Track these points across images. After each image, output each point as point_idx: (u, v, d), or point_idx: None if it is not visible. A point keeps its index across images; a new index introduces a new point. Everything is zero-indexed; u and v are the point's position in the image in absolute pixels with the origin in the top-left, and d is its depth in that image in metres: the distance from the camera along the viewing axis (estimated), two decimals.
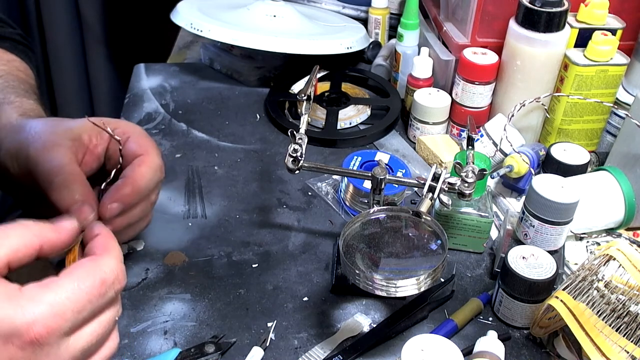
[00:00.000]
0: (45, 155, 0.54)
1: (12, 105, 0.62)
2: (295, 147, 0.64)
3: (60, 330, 0.40)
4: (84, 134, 0.57)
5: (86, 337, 0.43)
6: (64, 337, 0.41)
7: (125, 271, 0.46)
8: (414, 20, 0.94)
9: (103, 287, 0.43)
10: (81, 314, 0.41)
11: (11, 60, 0.71)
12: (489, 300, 0.67)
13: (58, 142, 0.55)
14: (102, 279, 0.43)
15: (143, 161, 0.57)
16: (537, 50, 0.81)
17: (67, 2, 1.53)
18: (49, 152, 0.54)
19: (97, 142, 0.59)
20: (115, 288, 0.44)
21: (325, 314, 0.65)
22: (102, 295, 0.43)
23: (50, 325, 0.39)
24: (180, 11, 1.00)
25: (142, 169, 0.57)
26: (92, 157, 0.58)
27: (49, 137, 0.56)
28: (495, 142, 0.84)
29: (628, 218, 0.73)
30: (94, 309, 0.43)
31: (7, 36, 0.75)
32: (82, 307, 0.41)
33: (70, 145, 0.55)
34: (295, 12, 1.05)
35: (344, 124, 0.93)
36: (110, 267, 0.44)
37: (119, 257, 0.45)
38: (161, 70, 1.07)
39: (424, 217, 0.58)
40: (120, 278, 0.44)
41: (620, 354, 0.53)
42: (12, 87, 0.65)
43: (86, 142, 0.58)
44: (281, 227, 0.76)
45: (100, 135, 0.59)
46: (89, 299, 0.42)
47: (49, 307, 0.40)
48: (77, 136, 0.57)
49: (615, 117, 0.84)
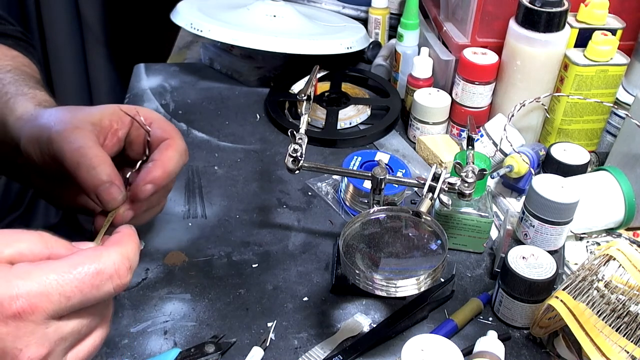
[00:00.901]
0: (69, 137, 0.54)
1: (27, 96, 0.62)
2: (295, 147, 0.64)
3: (44, 310, 0.39)
4: (104, 119, 0.58)
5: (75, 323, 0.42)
6: (49, 319, 0.40)
7: (130, 269, 0.44)
8: (414, 20, 0.94)
9: (97, 278, 0.41)
10: (70, 301, 0.40)
11: (16, 56, 0.71)
12: (489, 300, 0.67)
13: (79, 126, 0.56)
14: (98, 270, 0.41)
15: (169, 145, 0.59)
16: (537, 50, 0.81)
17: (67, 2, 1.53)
18: (72, 134, 0.54)
19: (118, 127, 0.59)
20: (114, 283, 0.42)
21: (325, 314, 0.65)
22: (96, 286, 0.41)
23: (34, 303, 0.39)
24: (180, 11, 1.00)
25: (170, 152, 0.58)
26: (112, 141, 0.59)
27: (71, 120, 0.56)
28: (495, 142, 0.84)
29: (628, 218, 0.73)
30: (86, 300, 0.41)
31: (9, 33, 0.75)
32: (71, 293, 0.40)
33: (91, 129, 0.56)
34: (295, 12, 1.05)
35: (344, 124, 0.93)
36: (111, 260, 0.43)
37: (127, 255, 0.44)
38: (161, 70, 1.07)
39: (424, 217, 0.58)
40: (122, 274, 0.43)
41: (620, 354, 0.53)
42: (23, 79, 0.66)
43: (107, 126, 0.58)
44: (281, 227, 0.76)
45: (121, 120, 0.59)
46: (79, 287, 0.41)
47: (35, 284, 0.39)
48: (97, 120, 0.58)
49: (615, 117, 0.84)
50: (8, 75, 0.65)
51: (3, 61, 0.68)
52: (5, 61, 0.68)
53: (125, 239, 0.46)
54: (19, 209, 0.94)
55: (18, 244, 0.42)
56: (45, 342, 0.40)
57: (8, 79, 0.65)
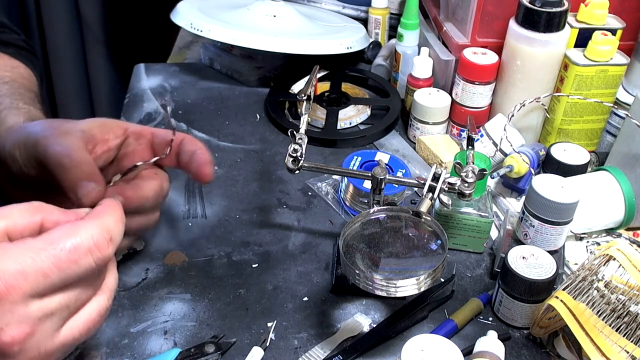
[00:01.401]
0: (55, 140, 0.54)
1: (21, 110, 0.62)
2: (295, 147, 0.64)
3: (21, 289, 0.39)
4: (93, 128, 0.58)
5: (61, 298, 0.41)
6: (29, 298, 0.40)
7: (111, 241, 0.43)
8: (414, 20, 0.94)
9: (75, 253, 0.41)
10: (48, 278, 0.40)
11: (16, 66, 0.71)
12: (489, 300, 0.67)
13: (68, 131, 0.56)
14: (74, 244, 0.41)
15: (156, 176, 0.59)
16: (537, 50, 0.81)
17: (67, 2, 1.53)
18: (58, 138, 0.54)
19: (109, 137, 0.59)
20: (94, 256, 0.42)
21: (325, 314, 0.65)
22: (74, 261, 0.41)
23: (10, 282, 0.39)
24: (180, 11, 1.00)
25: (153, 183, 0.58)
26: (102, 149, 0.59)
27: (59, 126, 0.56)
28: (495, 142, 0.84)
29: (628, 218, 0.73)
30: (66, 276, 0.41)
31: (11, 42, 0.75)
32: (48, 270, 0.40)
33: (79, 135, 0.56)
34: (295, 12, 1.05)
35: (344, 124, 0.93)
36: (89, 233, 0.42)
37: (107, 227, 0.43)
38: (161, 70, 1.07)
39: (424, 217, 0.58)
40: (101, 246, 0.42)
41: (620, 354, 0.53)
42: (19, 94, 0.66)
43: (96, 135, 0.58)
44: (281, 227, 0.76)
45: (112, 130, 0.60)
46: (55, 263, 0.40)
47: (10, 263, 0.39)
48: (86, 129, 0.58)
49: (615, 117, 0.84)
50: (5, 87, 0.65)
51: (2, 72, 0.68)
52: (4, 72, 0.68)
53: (106, 211, 0.45)
54: None
55: (10, 215, 0.42)
56: (27, 320, 0.40)
57: (4, 91, 0.65)
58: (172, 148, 0.60)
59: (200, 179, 0.59)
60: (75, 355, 0.60)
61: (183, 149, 0.60)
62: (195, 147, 0.60)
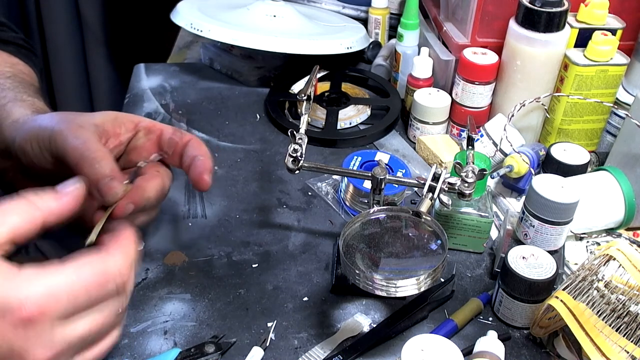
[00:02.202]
0: (73, 134, 0.54)
1: (25, 103, 0.62)
2: (295, 147, 0.64)
3: (53, 312, 0.40)
4: (106, 123, 0.59)
5: (84, 325, 0.43)
6: (58, 321, 0.41)
7: (132, 268, 0.46)
8: (414, 20, 0.94)
9: (103, 278, 0.43)
10: (77, 301, 0.41)
11: (15, 63, 0.72)
12: (489, 300, 0.67)
13: (83, 125, 0.56)
14: (103, 271, 0.43)
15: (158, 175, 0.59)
16: (537, 50, 0.81)
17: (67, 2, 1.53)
18: (76, 131, 0.55)
19: (121, 132, 0.60)
20: (117, 282, 0.44)
21: (325, 314, 0.65)
22: (102, 285, 0.43)
23: (43, 306, 0.40)
24: (180, 11, 1.00)
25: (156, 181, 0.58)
26: (114, 143, 0.60)
27: (74, 120, 0.57)
28: (495, 142, 0.84)
29: (628, 218, 0.73)
30: (91, 299, 0.43)
31: (10, 40, 0.75)
32: (78, 294, 0.41)
33: (94, 129, 0.57)
34: (295, 12, 1.05)
35: (344, 124, 0.93)
36: (115, 262, 0.44)
37: (129, 256, 0.46)
38: (161, 70, 1.07)
39: (424, 217, 0.58)
40: (124, 273, 0.45)
41: (620, 354, 0.53)
42: (22, 86, 0.66)
43: (109, 129, 0.59)
44: (281, 227, 0.76)
45: (124, 125, 0.60)
46: (86, 288, 0.42)
47: (43, 288, 0.40)
48: (100, 123, 0.58)
49: (615, 117, 0.84)
50: (8, 81, 0.66)
51: (3, 67, 0.68)
52: (5, 67, 0.69)
53: (126, 242, 0.47)
54: None
55: (9, 218, 0.43)
56: (51, 345, 0.41)
57: (7, 85, 0.65)
58: (176, 148, 0.60)
59: (197, 187, 0.59)
60: None
61: (186, 152, 0.60)
62: (198, 152, 0.60)
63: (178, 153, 0.60)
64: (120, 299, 0.45)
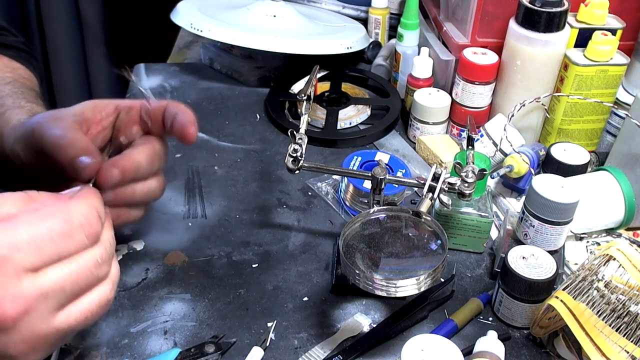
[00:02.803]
0: (49, 125, 0.55)
1: (23, 109, 0.63)
2: (295, 147, 0.64)
3: (15, 261, 0.39)
4: (86, 111, 0.59)
5: (56, 276, 0.41)
6: (23, 272, 0.40)
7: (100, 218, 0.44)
8: (414, 20, 0.94)
9: (67, 226, 0.42)
10: (41, 251, 0.40)
11: (16, 68, 0.72)
12: (489, 300, 0.67)
13: (60, 117, 0.57)
14: (67, 218, 0.42)
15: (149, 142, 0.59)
16: (537, 50, 0.81)
17: (67, 2, 1.53)
18: (53, 123, 0.55)
19: (101, 117, 0.60)
20: (86, 231, 0.43)
21: (325, 314, 0.65)
22: (68, 235, 0.42)
23: (4, 255, 0.39)
24: (180, 11, 1.00)
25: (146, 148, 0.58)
26: (97, 129, 0.59)
27: (53, 114, 0.57)
28: (495, 142, 0.84)
29: (628, 218, 0.73)
30: (58, 248, 0.41)
31: (10, 44, 0.76)
32: (42, 243, 0.40)
33: (73, 119, 0.57)
34: (295, 12, 1.05)
35: (344, 124, 0.93)
36: (79, 209, 0.43)
37: (93, 204, 0.44)
38: (161, 70, 1.07)
39: (424, 217, 0.58)
40: (92, 221, 0.43)
41: (620, 354, 0.53)
42: (21, 92, 0.66)
43: (89, 117, 0.59)
44: (281, 227, 0.76)
45: (104, 110, 0.60)
46: (49, 235, 0.41)
47: (3, 237, 0.39)
48: (79, 112, 0.58)
49: (615, 117, 0.84)
50: (7, 87, 0.66)
51: (3, 73, 0.69)
52: (5, 72, 0.69)
53: (90, 192, 0.46)
54: None
55: (3, 205, 0.42)
56: (21, 297, 0.40)
57: (6, 91, 0.65)
58: (154, 115, 0.59)
59: (184, 140, 0.58)
60: (75, 355, 0.60)
61: (166, 114, 0.59)
62: (176, 109, 0.59)
63: (159, 120, 0.59)
64: (97, 249, 0.44)
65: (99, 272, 0.44)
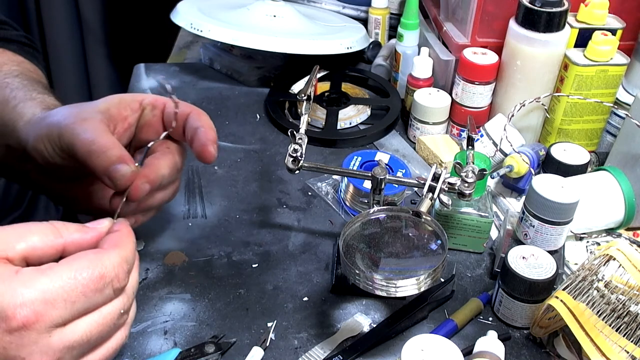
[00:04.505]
0: (79, 128, 0.54)
1: (35, 101, 0.62)
2: (295, 147, 0.64)
3: (49, 318, 0.39)
4: (111, 108, 0.58)
5: (82, 329, 0.42)
6: (54, 327, 0.40)
7: (128, 272, 0.45)
8: (414, 20, 0.94)
9: (101, 282, 0.42)
10: (74, 306, 0.41)
11: (21, 62, 0.71)
12: (489, 300, 0.67)
13: (88, 117, 0.56)
14: (100, 274, 0.42)
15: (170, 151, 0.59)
16: (537, 50, 0.81)
17: (67, 2, 1.53)
18: (82, 125, 0.55)
19: (127, 114, 0.59)
20: (114, 286, 0.43)
21: (325, 314, 0.65)
22: (99, 290, 0.42)
23: (39, 311, 0.39)
24: (180, 11, 1.00)
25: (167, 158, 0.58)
26: (123, 127, 0.59)
27: (79, 113, 0.56)
28: (495, 142, 0.84)
29: (628, 218, 0.73)
30: (89, 303, 0.42)
31: (13, 39, 0.75)
32: (76, 299, 0.41)
33: (100, 118, 0.56)
34: (295, 12, 1.05)
35: (344, 124, 0.93)
36: (112, 263, 0.43)
37: (126, 257, 0.45)
38: (161, 70, 1.07)
39: (424, 217, 0.58)
40: (120, 277, 0.44)
41: (620, 354, 0.53)
42: (31, 84, 0.66)
43: (115, 114, 0.58)
44: (281, 227, 0.76)
45: (129, 106, 0.60)
46: (83, 292, 0.41)
47: (40, 293, 0.39)
48: (105, 110, 0.58)
49: (615, 117, 0.84)
50: (16, 80, 0.65)
51: (10, 66, 0.68)
52: (12, 66, 0.68)
53: (124, 241, 0.46)
54: (19, 208, 0.94)
55: (30, 237, 0.42)
56: (48, 351, 0.40)
57: (16, 84, 0.64)
58: (177, 121, 0.59)
59: (202, 159, 0.58)
60: None
61: (188, 124, 0.59)
62: (199, 123, 0.59)
63: (180, 126, 0.59)
64: (121, 300, 0.45)
65: (120, 321, 0.45)
